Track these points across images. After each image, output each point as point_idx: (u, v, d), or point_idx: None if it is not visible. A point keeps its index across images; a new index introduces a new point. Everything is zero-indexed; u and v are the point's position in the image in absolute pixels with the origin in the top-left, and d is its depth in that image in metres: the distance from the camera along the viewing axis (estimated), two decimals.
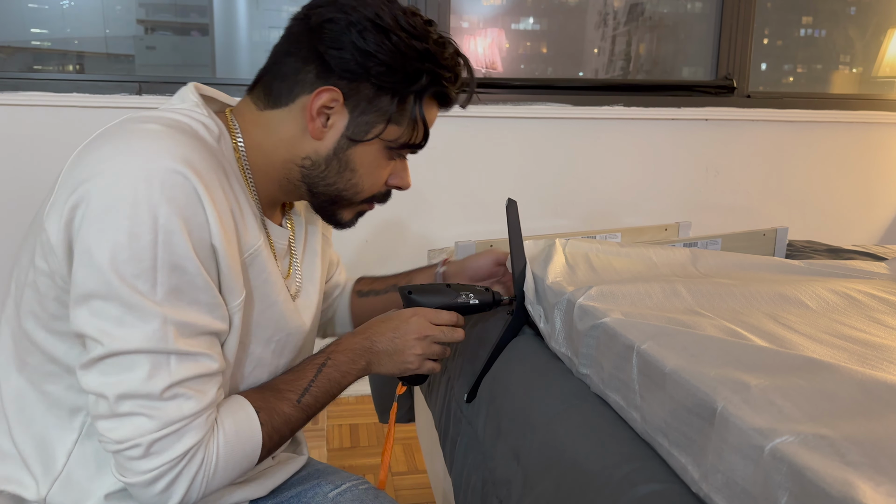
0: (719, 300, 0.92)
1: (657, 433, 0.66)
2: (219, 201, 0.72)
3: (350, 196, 0.88)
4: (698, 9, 2.78)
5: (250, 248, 0.79)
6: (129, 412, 0.68)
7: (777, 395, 0.56)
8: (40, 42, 2.42)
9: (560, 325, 0.92)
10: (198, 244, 0.70)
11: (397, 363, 0.92)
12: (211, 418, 0.73)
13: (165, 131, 0.72)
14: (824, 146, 2.77)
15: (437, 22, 2.43)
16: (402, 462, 2.04)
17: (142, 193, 0.66)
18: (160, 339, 0.68)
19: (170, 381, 0.68)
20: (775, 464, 0.49)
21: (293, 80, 0.81)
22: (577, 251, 1.11)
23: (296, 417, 0.83)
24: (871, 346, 0.76)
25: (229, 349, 0.78)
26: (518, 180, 2.53)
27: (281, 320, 0.86)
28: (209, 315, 0.72)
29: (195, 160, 0.71)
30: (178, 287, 0.69)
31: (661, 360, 0.67)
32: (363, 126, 0.83)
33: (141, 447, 0.68)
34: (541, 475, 0.76)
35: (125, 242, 0.66)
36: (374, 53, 0.78)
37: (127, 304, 0.66)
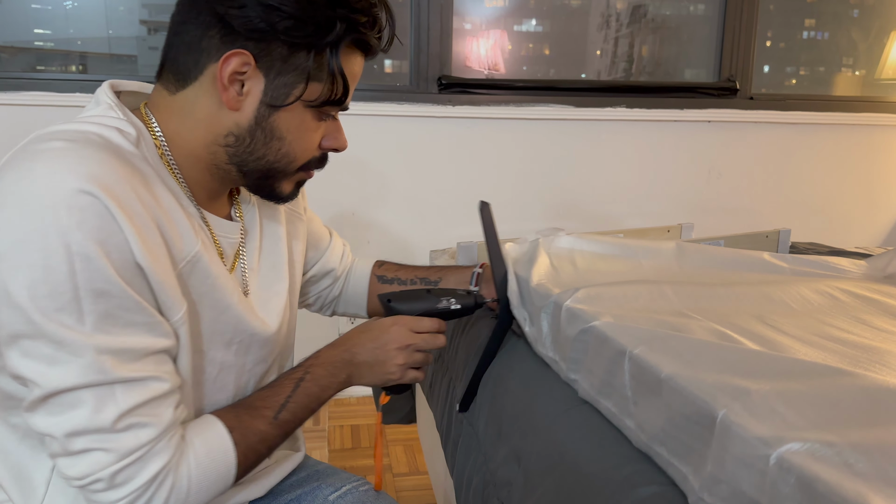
0: (705, 302, 0.92)
1: (654, 442, 0.65)
2: (137, 215, 0.67)
3: (283, 167, 0.81)
4: (701, 11, 2.78)
5: (187, 255, 0.74)
6: (83, 449, 0.65)
7: (779, 402, 0.55)
8: (43, 43, 2.43)
9: (547, 329, 0.91)
10: (120, 265, 0.65)
11: (379, 374, 0.90)
12: (174, 440, 0.70)
13: (68, 148, 0.66)
14: (827, 148, 2.76)
15: (440, 23, 2.44)
16: (404, 463, 2.04)
17: (49, 222, 0.61)
18: (98, 370, 0.64)
19: (118, 411, 0.65)
20: (782, 475, 0.47)
21: (197, 49, 0.74)
22: (560, 251, 1.09)
23: (272, 435, 0.80)
24: (861, 348, 0.76)
25: (182, 364, 0.75)
26: (520, 181, 2.53)
27: (239, 323, 0.82)
28: (150, 335, 0.68)
29: (103, 175, 0.65)
30: (108, 313, 0.65)
31: (655, 366, 0.66)
32: (282, 89, 0.76)
33: (103, 481, 0.66)
34: (542, 477, 0.75)
35: (41, 277, 0.61)
36: (279, 6, 0.71)
37: (56, 341, 0.63)
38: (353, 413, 2.35)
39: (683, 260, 1.13)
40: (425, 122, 2.41)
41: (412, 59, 2.48)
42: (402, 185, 2.43)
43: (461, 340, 1.15)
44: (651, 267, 1.11)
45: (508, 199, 2.52)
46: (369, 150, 2.37)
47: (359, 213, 2.42)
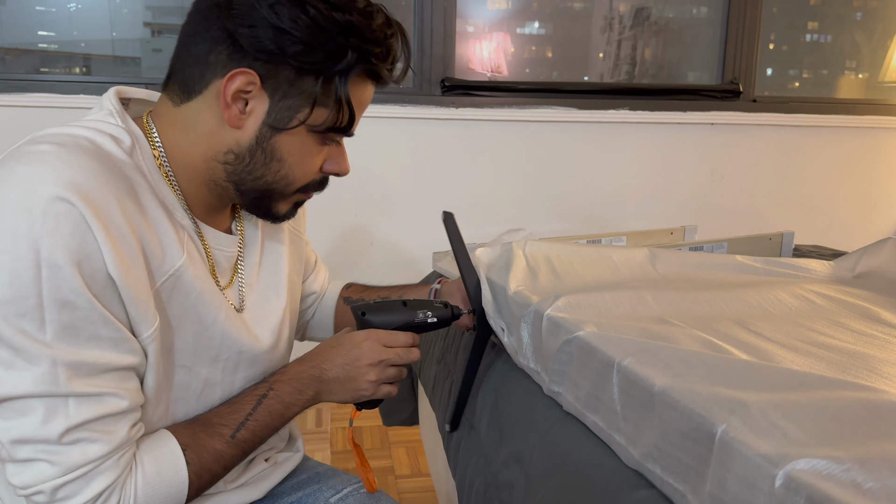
0: (685, 307, 0.90)
1: (646, 459, 0.62)
2: (115, 226, 0.65)
3: (281, 188, 0.79)
4: (704, 14, 2.77)
5: (170, 268, 0.72)
6: (28, 458, 0.64)
7: (779, 416, 0.52)
8: (47, 45, 2.43)
9: (528, 339, 0.88)
10: (90, 276, 0.63)
11: (350, 391, 0.86)
12: (124, 459, 0.69)
13: (54, 153, 0.65)
14: (830, 150, 2.76)
15: (444, 26, 2.44)
16: (406, 465, 2.04)
17: (22, 226, 0.61)
18: (51, 382, 0.63)
19: (67, 424, 0.64)
20: (790, 495, 0.45)
21: (204, 63, 0.72)
22: (537, 252, 1.06)
23: (229, 455, 0.77)
24: (846, 353, 0.75)
25: (149, 382, 0.73)
26: (523, 183, 2.53)
27: (226, 339, 0.80)
28: (113, 351, 0.67)
29: (85, 182, 0.64)
30: (70, 324, 0.63)
31: (646, 379, 0.63)
32: (285, 111, 0.74)
33: (44, 493, 0.65)
34: (543, 479, 0.75)
35: (6, 281, 0.60)
36: (290, 30, 0.69)
37: (14, 347, 0.62)
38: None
39: (657, 263, 1.13)
40: (428, 125, 2.41)
41: (416, 62, 2.48)
42: (404, 187, 2.43)
43: (462, 342, 1.15)
44: (627, 269, 1.10)
45: (511, 201, 2.52)
46: (372, 152, 2.37)
47: (361, 215, 2.42)
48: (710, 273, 1.14)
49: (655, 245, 1.47)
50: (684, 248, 1.42)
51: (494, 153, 2.48)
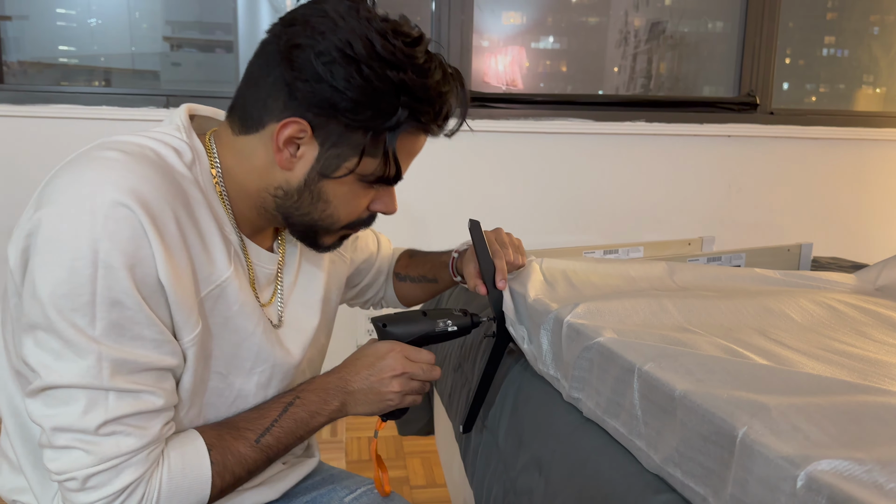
0: (706, 315, 0.90)
1: (667, 463, 0.63)
2: (168, 234, 0.69)
3: (327, 226, 0.83)
4: (719, 28, 2.78)
5: (216, 280, 0.76)
6: (65, 445, 0.67)
7: (800, 418, 0.53)
8: (67, 59, 2.48)
9: (547, 346, 0.88)
10: (141, 280, 0.67)
11: (375, 402, 0.88)
12: (153, 454, 0.71)
13: (121, 160, 0.69)
14: (848, 163, 2.74)
15: (460, 40, 2.46)
16: (421, 475, 2.04)
17: (84, 227, 0.64)
18: (95, 375, 0.66)
19: (105, 417, 0.67)
20: (811, 496, 0.46)
21: (262, 105, 0.75)
22: (554, 268, 1.07)
23: (253, 458, 0.79)
24: (867, 361, 0.75)
25: (185, 384, 0.75)
26: (539, 194, 2.54)
27: (262, 351, 0.83)
28: (155, 351, 0.70)
29: (146, 191, 0.68)
30: (118, 323, 0.66)
31: (668, 384, 0.63)
32: (334, 160, 0.77)
33: (77, 481, 0.67)
34: (563, 484, 0.75)
35: (65, 277, 0.64)
36: (342, 90, 0.71)
37: (64, 339, 0.65)
38: (371, 426, 2.35)
39: (676, 277, 1.13)
40: None
41: None
42: (420, 198, 2.44)
43: (479, 352, 1.15)
44: (646, 282, 1.10)
45: (527, 212, 2.52)
46: None
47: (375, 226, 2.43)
48: (729, 284, 1.14)
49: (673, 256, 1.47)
50: (702, 259, 1.42)
51: (511, 164, 2.50)
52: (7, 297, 0.74)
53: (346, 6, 0.73)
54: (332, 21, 0.72)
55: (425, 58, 0.76)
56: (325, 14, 0.72)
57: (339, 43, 0.71)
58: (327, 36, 0.71)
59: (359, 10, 0.73)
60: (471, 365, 1.17)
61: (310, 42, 0.71)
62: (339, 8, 0.73)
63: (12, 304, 0.73)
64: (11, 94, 2.26)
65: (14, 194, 2.30)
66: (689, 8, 2.78)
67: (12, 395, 0.79)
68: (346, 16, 0.72)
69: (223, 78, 2.65)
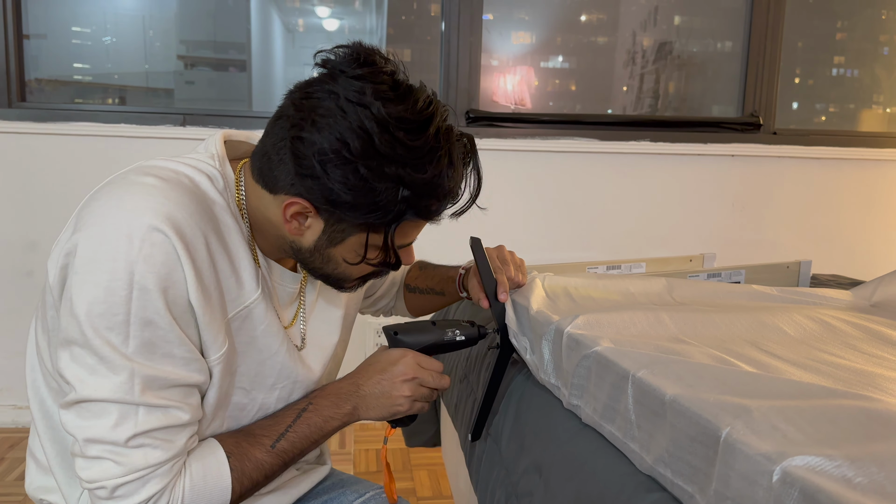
0: (702, 327, 0.94)
1: (658, 464, 0.66)
2: (200, 259, 0.73)
3: (341, 280, 0.86)
4: (728, 48, 2.82)
5: (245, 301, 0.80)
6: (96, 456, 0.70)
7: (779, 419, 0.56)
8: (82, 77, 2.54)
9: (549, 356, 0.92)
10: (173, 301, 0.71)
11: (386, 406, 0.90)
12: (177, 466, 0.75)
13: (158, 186, 0.72)
14: (851, 183, 2.77)
15: (469, 59, 2.52)
16: (428, 487, 2.06)
17: (122, 250, 0.68)
18: (127, 391, 0.69)
19: (135, 430, 0.70)
20: (785, 488, 0.49)
21: (275, 171, 0.77)
22: (555, 284, 1.11)
23: (269, 463, 0.82)
24: (853, 372, 0.78)
25: (209, 401, 0.79)
26: (545, 212, 2.57)
27: (284, 369, 0.87)
28: (184, 369, 0.73)
29: (181, 218, 0.71)
30: (150, 341, 0.70)
31: (659, 389, 0.67)
32: (339, 234, 0.79)
33: (106, 489, 0.71)
34: (561, 486, 0.78)
35: (102, 296, 0.68)
36: (339, 191, 0.73)
37: (99, 355, 0.69)
38: (378, 437, 2.39)
39: (675, 293, 1.16)
40: None
41: (442, 94, 2.55)
42: None
43: (484, 363, 1.19)
44: (645, 298, 1.14)
45: (533, 229, 2.56)
46: None
47: None
48: (727, 300, 1.18)
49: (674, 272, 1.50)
50: (702, 275, 1.46)
51: (518, 182, 2.54)
52: (44, 308, 0.79)
53: (354, 90, 0.72)
54: (336, 110, 0.72)
55: (431, 145, 0.74)
56: (333, 96, 0.72)
57: (337, 142, 0.71)
58: (326, 132, 0.71)
59: (365, 92, 0.72)
60: (476, 376, 1.21)
61: (311, 137, 0.72)
62: (347, 91, 0.72)
63: (49, 317, 0.77)
64: (33, 112, 2.33)
65: (35, 208, 2.36)
66: (697, 28, 2.82)
67: (44, 398, 0.83)
68: (352, 101, 0.71)
69: (236, 96, 2.71)
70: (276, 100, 2.85)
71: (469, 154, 0.81)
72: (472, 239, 1.02)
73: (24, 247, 2.38)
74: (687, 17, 2.81)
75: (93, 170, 2.34)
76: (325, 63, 0.75)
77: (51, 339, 0.79)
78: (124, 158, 2.32)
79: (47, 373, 0.82)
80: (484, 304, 1.02)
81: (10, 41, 2.35)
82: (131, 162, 0.80)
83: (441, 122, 0.76)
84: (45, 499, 0.87)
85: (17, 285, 2.39)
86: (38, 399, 0.84)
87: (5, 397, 2.45)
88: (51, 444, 0.84)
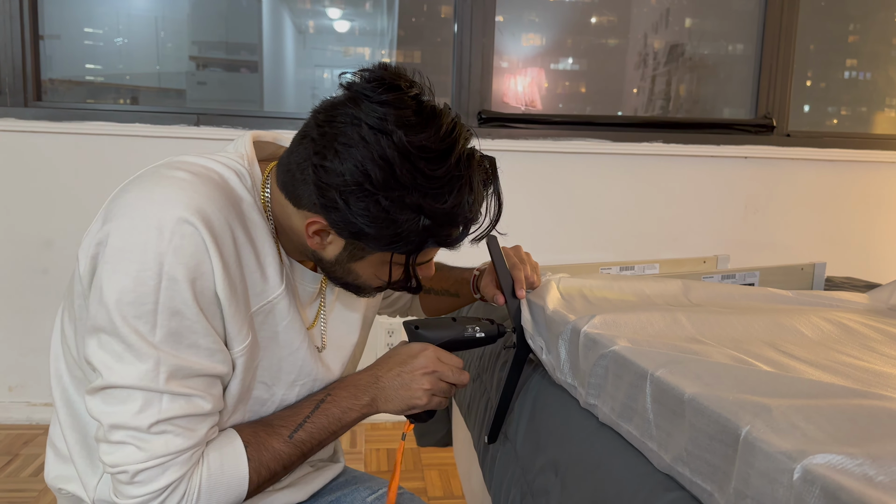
0: (719, 329, 0.93)
1: (677, 463, 0.66)
2: (227, 253, 0.74)
3: (361, 289, 0.88)
4: (740, 50, 2.81)
5: (269, 296, 0.82)
6: (120, 441, 0.72)
7: (799, 418, 0.56)
8: (94, 77, 2.56)
9: (565, 356, 0.92)
10: (200, 293, 0.72)
11: (405, 398, 0.90)
12: (197, 454, 0.76)
13: (189, 181, 0.74)
14: (865, 185, 2.76)
15: (481, 61, 2.52)
16: (439, 487, 2.07)
17: (152, 241, 0.70)
18: (152, 378, 0.71)
19: (158, 417, 0.71)
20: (806, 487, 0.49)
21: (298, 189, 0.78)
22: (571, 286, 1.11)
23: (287, 453, 0.83)
24: (870, 373, 0.78)
25: (231, 392, 0.80)
26: (557, 213, 2.58)
27: (304, 366, 0.88)
28: (208, 359, 0.75)
29: (210, 212, 0.73)
30: (177, 331, 0.72)
31: (677, 388, 0.67)
32: (360, 252, 0.81)
33: (127, 474, 0.72)
34: (578, 485, 0.79)
35: (131, 286, 0.69)
36: (358, 224, 0.74)
37: (127, 343, 0.70)
38: (389, 437, 2.39)
39: (691, 295, 1.16)
40: None
41: (454, 95, 2.56)
42: None
43: (497, 363, 1.19)
44: (661, 300, 1.14)
45: (546, 230, 2.57)
46: None
47: None
48: (743, 302, 1.17)
49: (688, 273, 1.50)
50: (716, 277, 1.46)
51: (530, 183, 2.55)
52: (72, 297, 0.80)
53: (377, 116, 0.72)
54: (358, 140, 0.72)
55: (452, 174, 0.74)
56: (356, 123, 0.72)
57: (359, 173, 0.71)
58: (349, 163, 0.72)
59: (388, 119, 0.72)
60: (489, 375, 1.21)
61: (333, 167, 0.72)
62: (370, 118, 0.72)
63: (77, 306, 0.79)
64: (49, 112, 2.35)
65: (50, 207, 2.38)
66: (709, 30, 2.82)
67: (66, 386, 0.85)
68: (374, 128, 0.72)
69: (248, 97, 2.73)
70: (287, 100, 2.87)
71: (490, 177, 0.81)
72: (488, 237, 1.03)
73: (39, 245, 2.40)
74: (698, 19, 2.81)
75: (108, 169, 2.37)
76: (349, 86, 0.75)
77: (77, 328, 0.80)
78: (139, 158, 2.34)
79: (72, 361, 0.83)
80: (499, 300, 1.02)
81: (26, 41, 2.37)
82: (146, 161, 0.81)
83: (462, 148, 0.76)
84: (63, 488, 0.88)
85: (32, 283, 2.41)
86: (61, 387, 0.85)
87: (20, 394, 2.47)
88: (72, 432, 0.85)
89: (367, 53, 2.74)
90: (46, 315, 2.42)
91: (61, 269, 2.40)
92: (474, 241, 0.84)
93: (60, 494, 0.90)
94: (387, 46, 2.71)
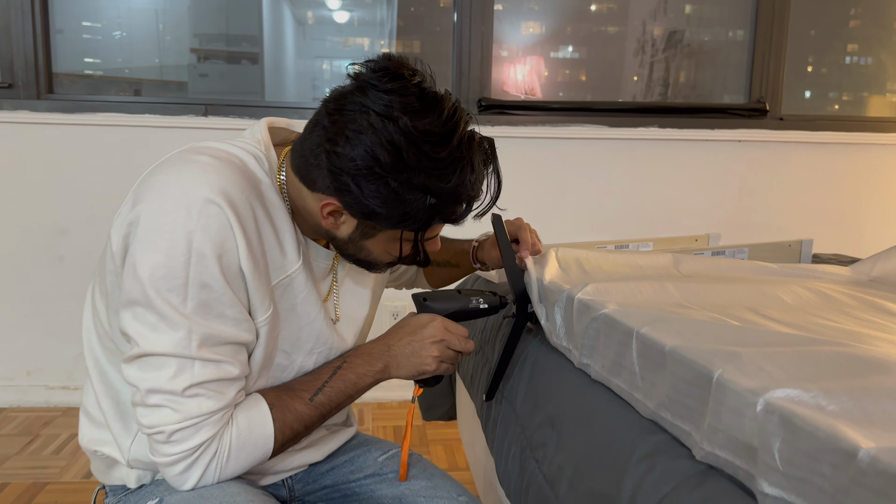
0: (704, 296, 1.00)
1: (660, 408, 0.73)
2: (250, 231, 0.80)
3: (372, 265, 0.94)
4: (739, 37, 2.84)
5: (288, 270, 0.88)
6: (156, 404, 0.78)
7: (765, 362, 0.63)
8: (93, 71, 2.61)
9: (560, 321, 0.99)
10: (226, 267, 0.78)
11: (415, 364, 0.97)
12: (226, 416, 0.82)
13: (212, 164, 0.80)
14: (857, 167, 2.81)
15: (481, 50, 2.58)
16: (444, 460, 2.15)
17: (181, 220, 0.76)
18: (185, 346, 0.77)
19: (191, 381, 0.78)
20: (767, 416, 0.56)
21: (312, 174, 0.84)
22: (568, 256, 1.19)
23: (308, 415, 0.90)
24: (842, 332, 0.84)
25: (256, 358, 0.87)
26: (556, 197, 2.64)
27: (321, 335, 0.95)
28: (235, 328, 0.81)
29: (233, 193, 0.79)
30: (206, 302, 0.78)
31: (660, 341, 0.74)
32: (371, 230, 0.87)
33: (164, 434, 0.78)
34: (573, 435, 0.86)
35: (163, 261, 0.75)
36: (370, 205, 0.80)
37: (160, 314, 0.76)
38: (396, 415, 2.47)
39: (681, 267, 1.23)
40: None
41: (454, 84, 2.62)
42: None
43: (498, 335, 1.26)
44: (652, 270, 1.21)
45: (545, 214, 2.63)
46: None
47: None
48: (731, 274, 1.24)
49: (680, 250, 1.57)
50: (707, 253, 1.52)
51: (529, 168, 2.61)
52: (103, 274, 0.87)
53: (383, 103, 0.77)
54: (367, 126, 0.77)
55: (455, 155, 0.80)
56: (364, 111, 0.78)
57: (369, 157, 0.77)
58: (360, 148, 0.77)
59: (393, 106, 0.77)
60: (490, 347, 1.28)
61: (345, 152, 0.78)
62: (377, 105, 0.78)
63: (108, 282, 0.85)
64: (61, 104, 2.42)
65: (64, 196, 2.45)
66: (707, 17, 2.84)
67: (98, 357, 0.92)
68: (381, 115, 0.77)
69: (249, 88, 2.77)
70: (288, 91, 2.91)
71: (489, 157, 0.87)
72: (493, 216, 1.10)
73: (54, 233, 2.47)
74: (697, 5, 2.84)
75: (119, 159, 2.43)
76: (356, 76, 0.81)
77: (109, 302, 0.87)
78: (149, 147, 2.41)
79: (104, 334, 0.90)
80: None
81: (38, 35, 2.43)
82: (156, 150, 0.87)
83: (463, 131, 0.82)
84: (99, 450, 0.95)
85: (48, 270, 2.49)
86: (94, 358, 0.92)
87: (38, 378, 2.55)
88: (106, 398, 0.92)
89: (366, 44, 2.77)
90: (62, 301, 2.49)
91: (76, 257, 2.48)
92: (477, 216, 0.89)
93: (95, 456, 0.97)
94: (386, 36, 2.75)
